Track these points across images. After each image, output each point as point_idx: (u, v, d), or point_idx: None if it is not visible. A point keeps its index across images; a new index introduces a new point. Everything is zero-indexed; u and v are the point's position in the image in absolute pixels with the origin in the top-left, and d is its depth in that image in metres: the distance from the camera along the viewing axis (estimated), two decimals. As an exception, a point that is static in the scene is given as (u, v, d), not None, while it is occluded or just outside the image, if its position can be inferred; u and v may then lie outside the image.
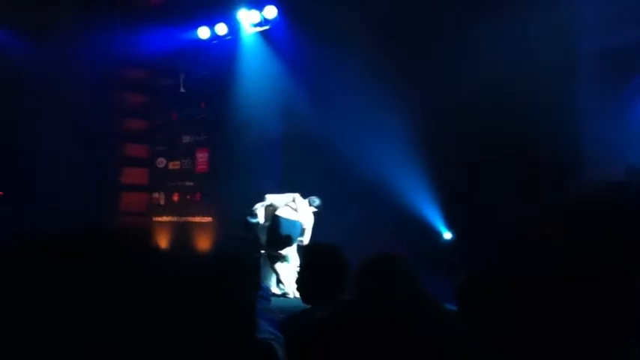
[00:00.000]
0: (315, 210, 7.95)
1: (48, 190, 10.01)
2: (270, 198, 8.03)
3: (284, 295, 7.64)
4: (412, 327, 1.32)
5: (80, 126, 10.63)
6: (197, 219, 10.97)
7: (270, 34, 10.04)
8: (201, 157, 11.19)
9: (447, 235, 8.34)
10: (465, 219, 7.82)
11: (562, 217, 6.49)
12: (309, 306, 3.16)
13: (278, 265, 7.69)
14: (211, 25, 10.54)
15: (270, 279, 7.82)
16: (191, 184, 11.27)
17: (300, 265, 3.18)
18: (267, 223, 8.00)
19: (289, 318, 2.95)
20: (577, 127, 7.20)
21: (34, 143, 10.15)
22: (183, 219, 11.15)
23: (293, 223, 7.76)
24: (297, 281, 3.11)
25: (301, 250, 3.49)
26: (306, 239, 7.77)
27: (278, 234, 7.71)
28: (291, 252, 7.70)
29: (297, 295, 7.40)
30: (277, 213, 7.84)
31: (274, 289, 7.65)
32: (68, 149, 10.43)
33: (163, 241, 10.72)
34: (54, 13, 10.08)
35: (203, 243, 10.48)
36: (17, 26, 10.09)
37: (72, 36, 10.36)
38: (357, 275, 2.60)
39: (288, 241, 7.70)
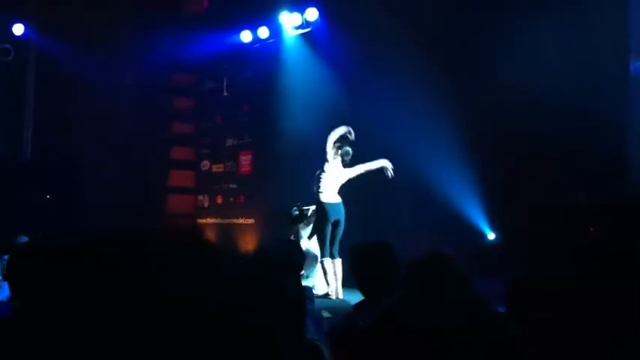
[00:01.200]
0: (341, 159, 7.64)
1: (97, 192, 10.24)
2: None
3: (326, 295, 7.63)
4: (457, 336, 1.32)
5: (129, 129, 10.85)
6: (240, 221, 11.08)
7: (311, 36, 10.07)
8: (245, 159, 11.29)
9: (491, 236, 8.25)
10: (509, 219, 7.73)
11: (609, 218, 6.37)
12: (351, 306, 3.18)
13: (327, 263, 7.60)
14: (254, 29, 10.62)
15: (311, 280, 7.82)
16: (235, 186, 11.38)
17: (352, 262, 3.20)
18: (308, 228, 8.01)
19: (336, 323, 2.98)
20: (625, 129, 7.05)
21: (84, 146, 10.40)
22: (226, 221, 11.28)
23: (337, 207, 7.65)
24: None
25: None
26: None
27: (325, 220, 7.59)
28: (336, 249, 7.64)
29: (340, 296, 7.40)
30: (321, 199, 7.70)
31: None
32: (117, 152, 10.65)
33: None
34: (104, 20, 10.30)
35: (246, 245, 10.57)
36: (67, 32, 10.35)
37: (121, 42, 10.58)
38: (406, 276, 2.60)
39: (337, 225, 7.58)
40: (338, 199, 7.64)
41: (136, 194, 10.68)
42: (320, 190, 7.63)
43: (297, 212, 8.12)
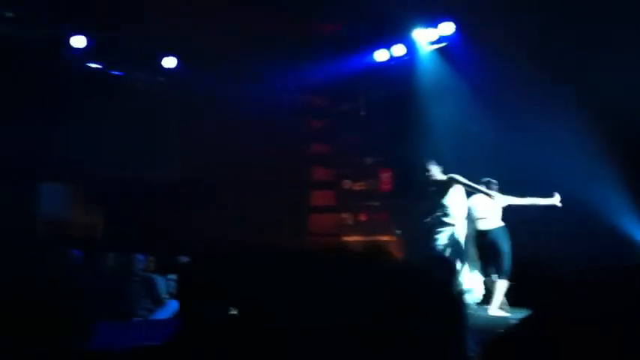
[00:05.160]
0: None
1: (240, 215, 10.64)
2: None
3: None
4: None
5: (269, 152, 11.22)
6: (385, 238, 11.14)
7: (448, 51, 10.02)
8: (385, 177, 11.40)
9: None
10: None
11: None
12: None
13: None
14: (388, 47, 10.71)
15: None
16: (377, 203, 11.50)
17: None
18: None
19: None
20: None
21: (229, 168, 10.87)
22: (371, 238, 11.36)
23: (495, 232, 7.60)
24: None
25: None
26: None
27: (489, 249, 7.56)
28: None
29: (495, 313, 7.20)
30: (479, 227, 7.71)
31: None
32: (259, 174, 11.04)
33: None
34: (238, 47, 10.73)
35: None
36: (208, 62, 10.88)
37: (255, 67, 10.99)
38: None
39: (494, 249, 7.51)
40: (498, 224, 7.60)
41: (279, 213, 11.01)
42: (478, 217, 7.64)
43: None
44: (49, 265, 7.68)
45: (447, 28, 9.80)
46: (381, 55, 10.81)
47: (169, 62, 11.13)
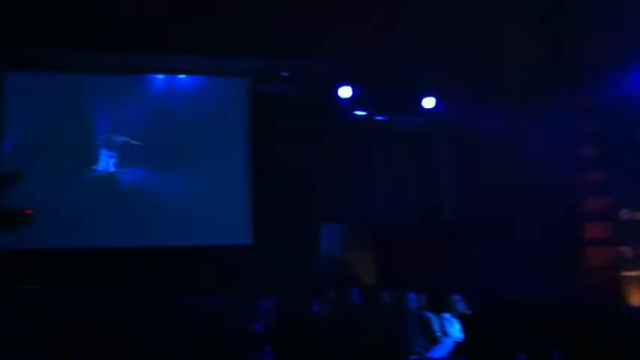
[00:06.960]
0: None
1: (513, 252, 10.45)
2: None
3: None
4: None
5: (540, 183, 10.93)
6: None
7: None
8: (673, 204, 10.44)
9: None
10: None
11: None
12: None
13: None
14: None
15: None
16: (660, 235, 10.54)
17: None
18: None
19: None
20: None
21: (497, 205, 10.74)
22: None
23: None
24: None
25: None
26: None
27: None
28: None
29: None
30: None
31: None
32: (532, 208, 10.78)
33: (636, 297, 10.17)
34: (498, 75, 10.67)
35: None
36: (463, 95, 10.99)
37: (517, 97, 10.82)
38: None
39: None
40: None
41: (555, 248, 10.62)
42: None
43: None
44: (337, 305, 8.31)
45: None
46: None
47: (429, 102, 11.55)
